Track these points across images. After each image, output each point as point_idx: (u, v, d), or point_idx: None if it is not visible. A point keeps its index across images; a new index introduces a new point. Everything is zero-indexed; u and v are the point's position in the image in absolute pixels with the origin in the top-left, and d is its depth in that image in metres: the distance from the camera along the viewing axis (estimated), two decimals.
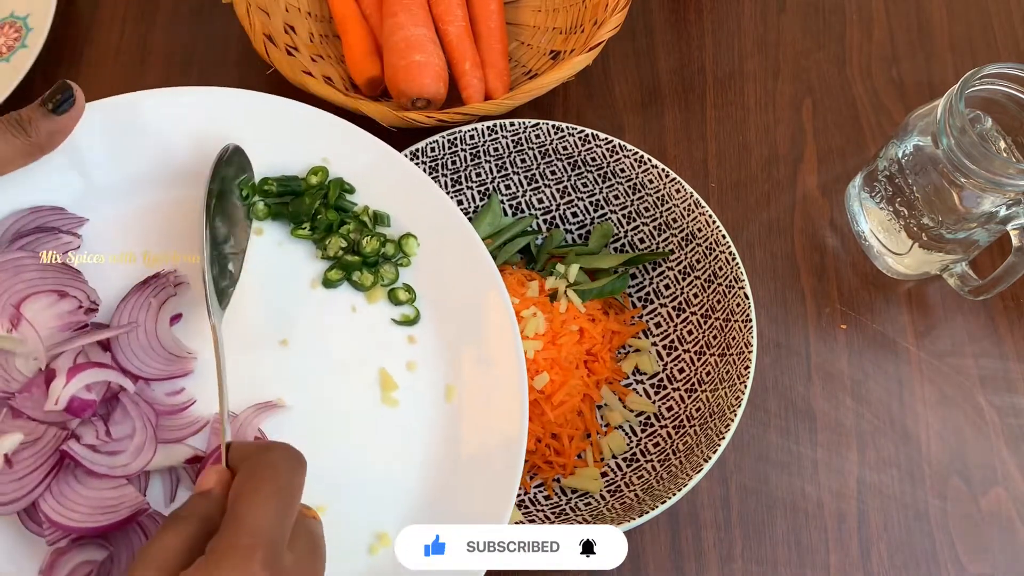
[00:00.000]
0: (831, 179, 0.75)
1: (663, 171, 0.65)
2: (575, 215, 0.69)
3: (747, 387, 0.58)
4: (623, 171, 0.66)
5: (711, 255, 0.63)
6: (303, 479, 0.41)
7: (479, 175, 0.67)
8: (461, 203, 0.67)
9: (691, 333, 0.64)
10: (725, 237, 0.62)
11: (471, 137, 0.65)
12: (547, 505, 0.60)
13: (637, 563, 0.62)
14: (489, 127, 0.65)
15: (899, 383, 0.68)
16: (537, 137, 0.66)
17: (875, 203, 0.69)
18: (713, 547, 0.62)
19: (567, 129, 0.65)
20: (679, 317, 0.65)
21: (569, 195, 0.68)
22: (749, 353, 0.59)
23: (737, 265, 0.62)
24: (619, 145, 0.65)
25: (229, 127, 0.53)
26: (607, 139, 0.65)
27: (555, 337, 0.63)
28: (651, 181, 0.65)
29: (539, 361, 0.61)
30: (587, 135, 0.65)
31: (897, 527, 0.64)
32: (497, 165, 0.67)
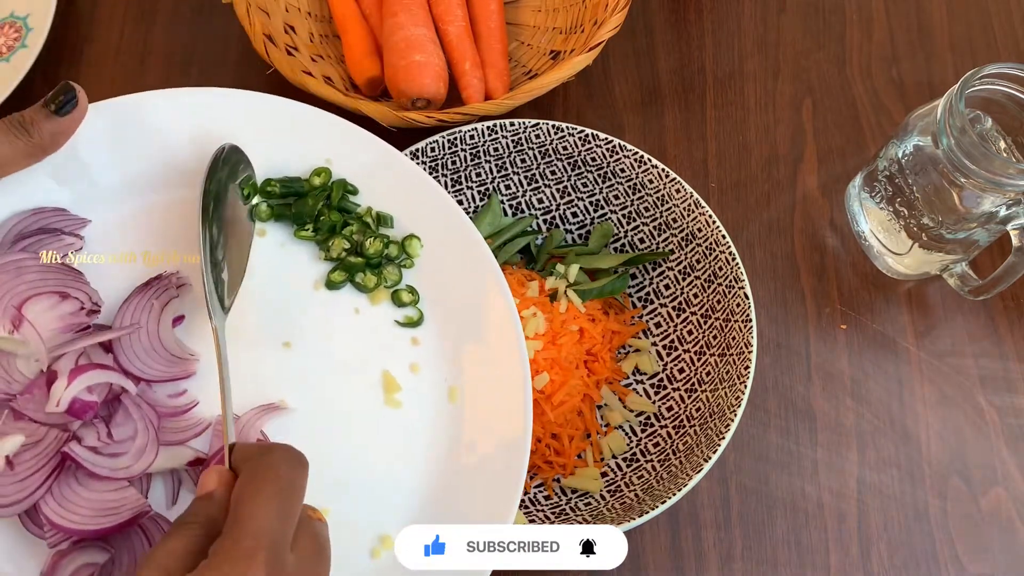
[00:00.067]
0: (831, 179, 0.75)
1: (663, 171, 0.65)
2: (575, 215, 0.69)
3: (747, 387, 0.58)
4: (623, 171, 0.66)
5: (711, 255, 0.63)
6: (305, 479, 0.41)
7: (479, 175, 0.67)
8: (461, 203, 0.67)
9: (691, 333, 0.64)
10: (725, 237, 0.62)
11: (471, 137, 0.65)
12: (547, 505, 0.60)
13: (637, 563, 0.62)
14: (489, 127, 0.65)
15: (899, 383, 0.68)
16: (537, 137, 0.66)
17: (875, 203, 0.69)
18: (713, 547, 0.62)
19: (567, 129, 0.65)
20: (679, 317, 0.65)
21: (569, 195, 0.68)
22: (749, 353, 0.59)
23: (737, 265, 0.62)
24: (619, 145, 0.65)
25: (231, 128, 0.53)
26: (607, 139, 0.65)
27: (555, 337, 0.63)
28: (651, 181, 0.65)
29: (539, 361, 0.61)
30: (587, 135, 0.65)
31: (897, 527, 0.64)
32: (497, 165, 0.67)
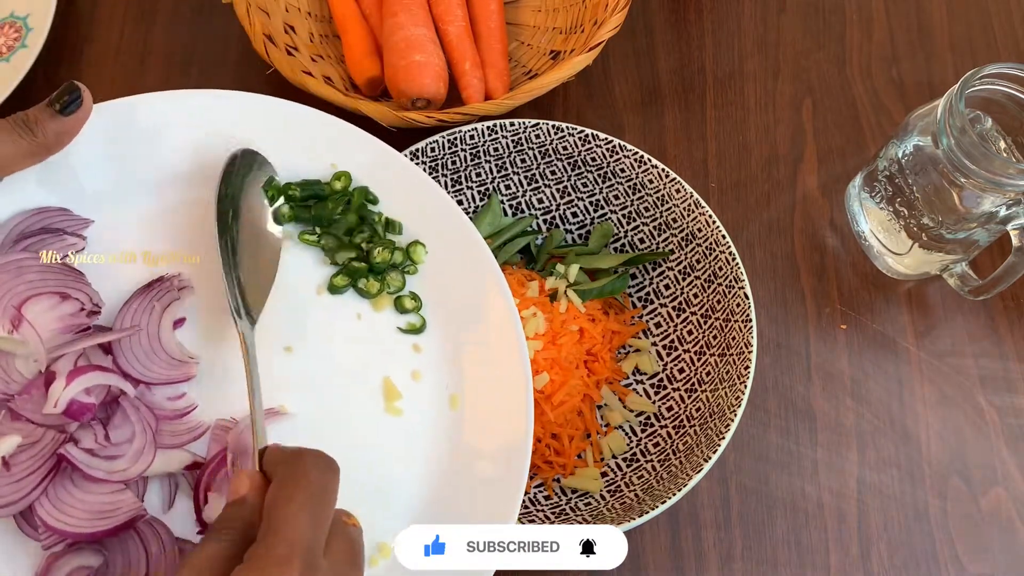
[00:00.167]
0: (831, 179, 0.75)
1: (663, 171, 0.65)
2: (575, 215, 0.69)
3: (747, 387, 0.58)
4: (623, 171, 0.66)
5: (711, 255, 0.63)
6: (336, 484, 0.41)
7: (479, 175, 0.67)
8: (461, 203, 0.67)
9: (691, 333, 0.64)
10: (725, 237, 0.62)
11: (471, 137, 0.65)
12: (547, 505, 0.60)
13: (637, 563, 0.62)
14: (489, 127, 0.65)
15: (899, 383, 0.68)
16: (537, 137, 0.66)
17: (875, 203, 0.69)
18: (713, 547, 0.62)
19: (567, 129, 0.65)
20: (679, 317, 0.65)
21: (569, 195, 0.68)
22: (749, 353, 0.59)
23: (737, 265, 0.62)
24: (619, 145, 0.65)
25: (234, 130, 0.53)
26: (607, 139, 0.65)
27: (555, 337, 0.63)
28: (651, 181, 0.65)
29: (539, 361, 0.61)
30: (587, 135, 0.65)
31: (897, 527, 0.64)
32: (497, 165, 0.67)
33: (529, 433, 0.50)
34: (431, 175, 0.64)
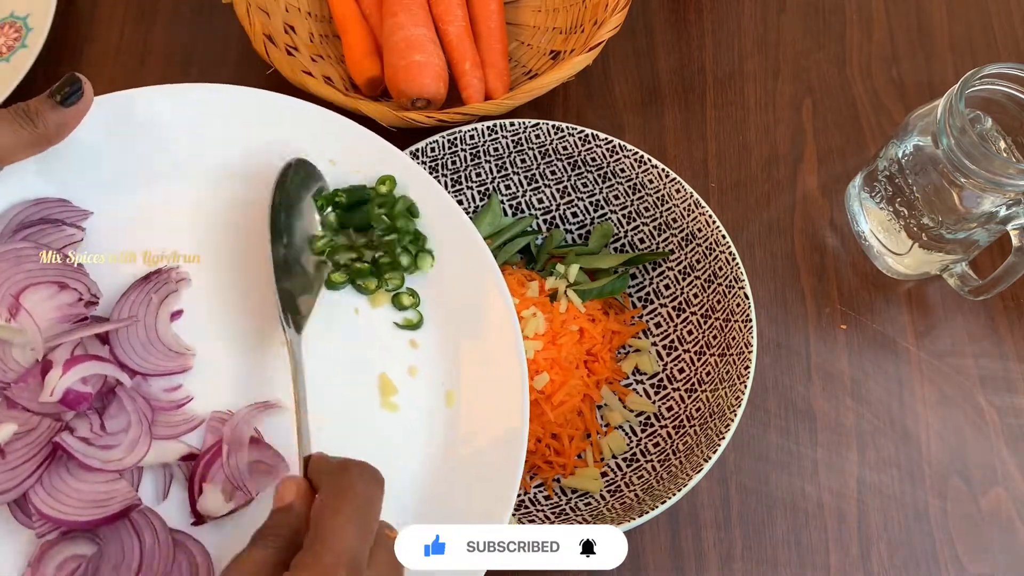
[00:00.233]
0: (831, 179, 0.75)
1: (663, 171, 0.65)
2: (575, 215, 0.69)
3: (747, 387, 0.58)
4: (623, 171, 0.66)
5: (711, 255, 0.63)
6: (381, 497, 0.42)
7: (479, 175, 0.67)
8: (461, 203, 0.67)
9: (691, 333, 0.64)
10: (725, 237, 0.62)
11: (471, 137, 0.65)
12: (547, 505, 0.60)
13: (637, 563, 0.62)
14: (489, 127, 0.65)
15: (899, 383, 0.68)
16: (537, 137, 0.66)
17: (875, 203, 0.69)
18: (713, 547, 0.62)
19: (567, 129, 0.65)
20: (679, 317, 0.65)
21: (569, 195, 0.68)
22: (749, 353, 0.59)
23: (737, 265, 0.62)
24: (619, 145, 0.65)
25: (232, 124, 0.54)
26: (607, 139, 0.65)
27: (555, 337, 0.63)
28: (651, 181, 0.65)
29: (539, 361, 0.61)
30: (587, 135, 0.65)
31: (897, 527, 0.64)
32: (497, 165, 0.67)
33: (524, 430, 0.50)
34: (431, 175, 0.64)
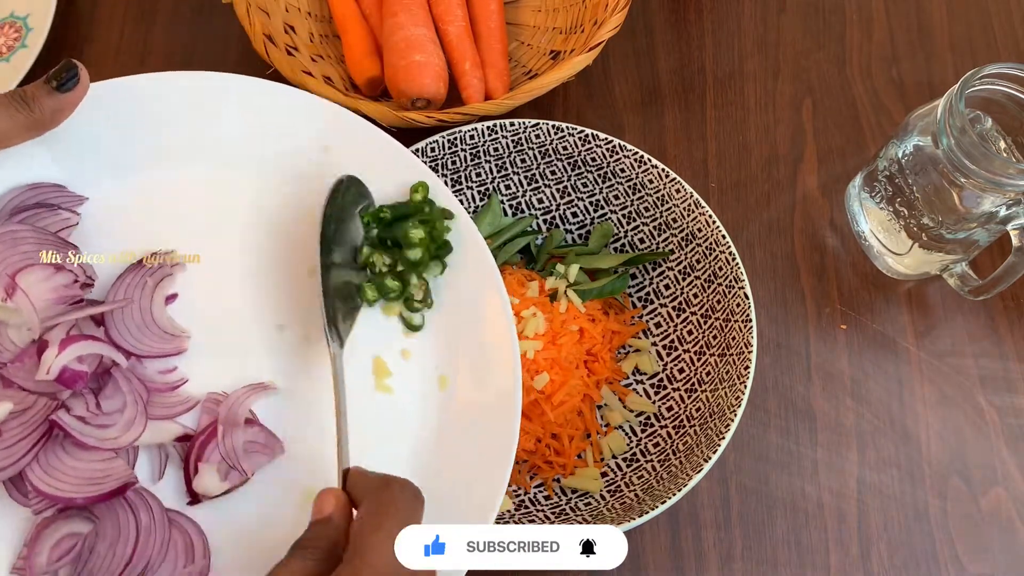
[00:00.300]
0: (831, 179, 0.75)
1: (663, 171, 0.65)
2: (575, 215, 0.69)
3: (747, 387, 0.58)
4: (623, 171, 0.66)
5: (711, 255, 0.63)
6: (421, 515, 0.43)
7: (479, 175, 0.67)
8: (461, 203, 0.67)
9: (691, 333, 0.64)
10: (725, 237, 0.62)
11: (471, 137, 0.65)
12: (547, 505, 0.60)
13: (637, 563, 0.62)
14: (489, 127, 0.65)
15: (899, 383, 0.68)
16: (537, 137, 0.66)
17: (875, 203, 0.69)
18: (713, 547, 0.62)
19: (567, 129, 0.65)
20: (679, 317, 0.65)
21: (569, 195, 0.68)
22: (749, 353, 0.59)
23: (737, 265, 0.62)
24: (619, 145, 0.65)
25: (229, 112, 0.54)
26: (607, 139, 0.65)
27: (555, 337, 0.63)
28: (651, 181, 0.65)
29: (539, 361, 0.61)
30: (587, 135, 0.65)
31: (897, 527, 0.64)
32: (497, 165, 0.67)
33: (517, 415, 0.50)
34: None
